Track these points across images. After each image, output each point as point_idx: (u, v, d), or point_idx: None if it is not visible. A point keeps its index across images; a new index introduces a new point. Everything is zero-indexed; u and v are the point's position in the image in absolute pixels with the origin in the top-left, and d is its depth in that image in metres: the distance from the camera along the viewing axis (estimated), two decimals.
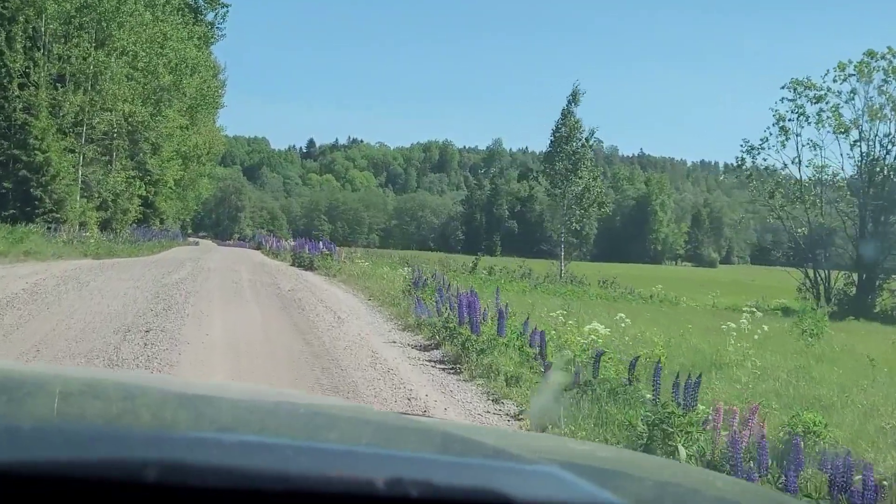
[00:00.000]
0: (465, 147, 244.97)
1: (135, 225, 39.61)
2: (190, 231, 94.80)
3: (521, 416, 6.29)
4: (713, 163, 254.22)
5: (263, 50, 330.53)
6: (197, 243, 73.82)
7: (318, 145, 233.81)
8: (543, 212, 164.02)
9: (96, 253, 20.19)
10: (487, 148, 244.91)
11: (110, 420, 1.31)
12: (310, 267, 20.50)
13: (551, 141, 30.38)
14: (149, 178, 39.68)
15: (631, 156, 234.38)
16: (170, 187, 44.96)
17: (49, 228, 27.86)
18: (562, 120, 29.90)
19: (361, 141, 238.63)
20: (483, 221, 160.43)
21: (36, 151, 27.95)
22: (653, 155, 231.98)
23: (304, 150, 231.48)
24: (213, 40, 42.40)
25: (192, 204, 72.00)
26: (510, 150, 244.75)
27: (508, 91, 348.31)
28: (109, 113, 31.25)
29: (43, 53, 29.56)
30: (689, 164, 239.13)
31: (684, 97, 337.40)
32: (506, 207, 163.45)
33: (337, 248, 21.11)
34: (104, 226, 33.41)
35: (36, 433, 1.01)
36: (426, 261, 49.95)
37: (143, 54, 32.66)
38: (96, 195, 32.32)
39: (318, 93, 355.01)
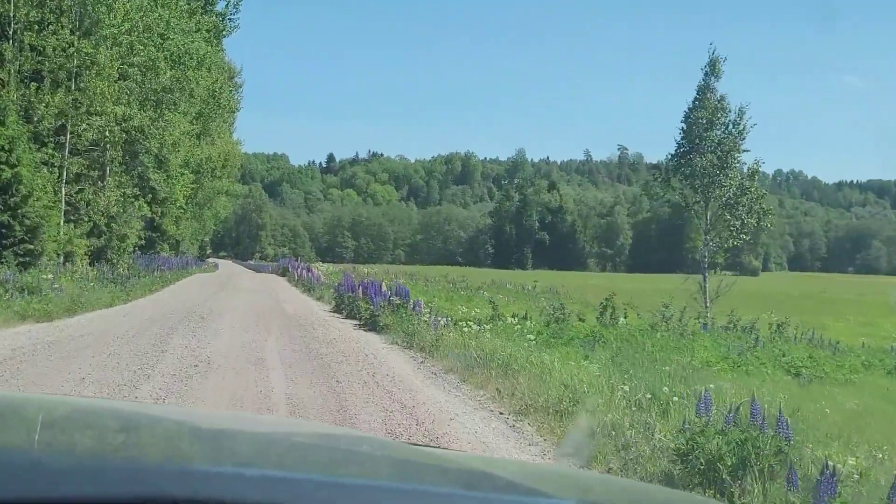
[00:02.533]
0: (485, 158, 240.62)
1: (139, 252, 33.66)
2: (209, 251, 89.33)
3: None
4: None
5: (280, 66, 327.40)
6: (216, 266, 68.03)
7: (337, 160, 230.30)
8: (575, 222, 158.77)
9: (44, 311, 12.63)
10: (509, 159, 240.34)
11: (130, 454, 1.32)
12: (372, 324, 13.28)
13: (683, 130, 22.70)
14: (153, 196, 33.68)
15: (657, 162, 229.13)
16: (180, 207, 38.90)
17: (19, 264, 21.87)
18: (698, 100, 22.21)
19: (381, 154, 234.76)
20: (513, 234, 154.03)
21: (2, 166, 21.89)
22: None
23: (324, 166, 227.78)
24: (225, 33, 36.36)
25: (209, 224, 66.27)
26: (531, 160, 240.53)
27: (528, 101, 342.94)
28: (98, 117, 25.21)
29: (12, 44, 23.62)
30: None
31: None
32: (536, 218, 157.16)
33: (405, 290, 13.75)
34: (98, 256, 27.40)
35: (57, 468, 1.02)
36: (466, 282, 43.58)
37: (141, 47, 26.68)
38: (85, 219, 26.26)
39: (336, 107, 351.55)
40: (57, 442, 1.35)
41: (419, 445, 2.32)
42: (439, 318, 11.21)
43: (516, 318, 15.46)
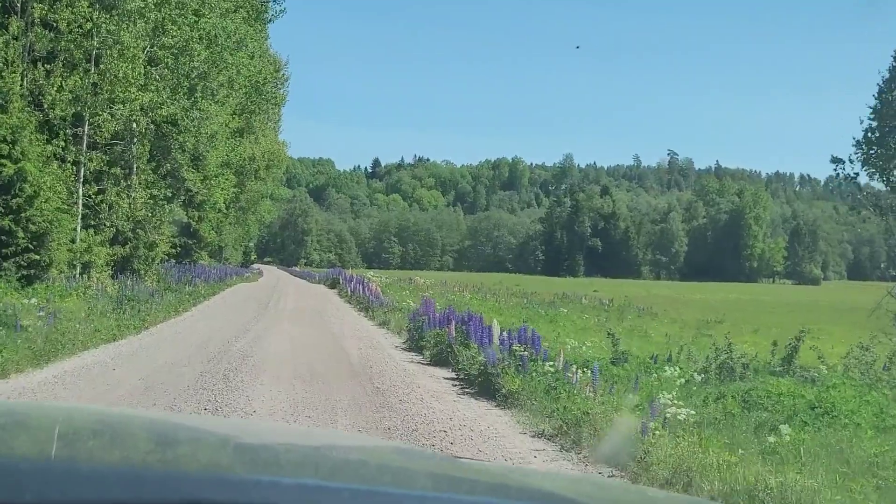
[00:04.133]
0: (531, 163, 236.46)
1: (173, 262, 30.02)
2: (254, 257, 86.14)
3: None
4: (788, 174, 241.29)
5: (325, 72, 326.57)
6: (260, 273, 64.58)
7: (383, 165, 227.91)
8: (629, 228, 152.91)
9: None
10: (555, 164, 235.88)
11: (168, 463, 1.35)
12: (484, 387, 8.59)
13: (877, 111, 17.29)
14: (189, 198, 30.03)
15: (707, 168, 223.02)
16: (220, 210, 35.19)
17: (22, 277, 18.28)
18: None
19: (427, 159, 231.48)
20: (564, 240, 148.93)
21: (3, 160, 18.30)
22: (729, 167, 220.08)
23: (370, 170, 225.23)
24: (267, 16, 32.52)
25: (253, 229, 62.93)
26: (578, 165, 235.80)
27: (574, 106, 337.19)
28: (122, 105, 21.50)
29: (20, 17, 20.07)
30: (763, 175, 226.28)
31: (751, 110, 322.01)
32: (588, 225, 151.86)
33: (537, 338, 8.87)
34: (122, 266, 23.75)
35: (94, 474, 1.05)
36: (536, 295, 39.06)
37: (173, 27, 23.02)
38: (107, 224, 22.58)
39: (381, 112, 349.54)
40: (95, 450, 1.36)
41: (458, 458, 2.38)
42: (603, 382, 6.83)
43: (654, 362, 11.21)
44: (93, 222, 22.34)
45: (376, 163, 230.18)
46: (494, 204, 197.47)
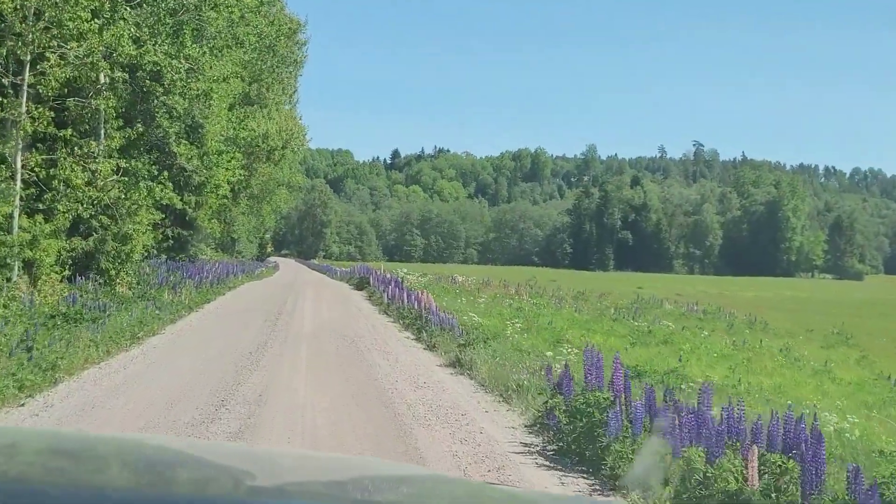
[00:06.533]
0: (553, 155, 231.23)
1: (164, 257, 24.11)
2: (270, 250, 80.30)
3: None
4: (813, 166, 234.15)
5: (344, 62, 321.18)
6: (276, 268, 58.76)
7: (402, 156, 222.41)
8: (661, 220, 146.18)
9: None
10: (577, 156, 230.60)
11: (193, 489, 1.33)
12: None
13: None
14: (183, 178, 23.99)
15: (733, 159, 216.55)
16: (223, 195, 29.09)
17: None
18: None
19: (448, 150, 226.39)
20: (594, 232, 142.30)
21: None
22: (755, 159, 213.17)
23: (389, 162, 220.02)
24: None
25: (268, 220, 56.84)
26: (600, 156, 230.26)
27: (596, 97, 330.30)
28: (76, 43, 15.45)
29: None
30: (788, 167, 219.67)
31: (773, 101, 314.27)
32: (618, 217, 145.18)
33: None
34: (86, 265, 17.80)
35: (121, 500, 1.06)
36: (605, 298, 32.91)
37: None
38: (61, 208, 16.51)
39: (400, 102, 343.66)
40: (125, 478, 1.35)
41: (489, 484, 2.21)
42: None
43: None
44: (40, 205, 16.31)
45: (396, 154, 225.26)
46: (516, 195, 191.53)
